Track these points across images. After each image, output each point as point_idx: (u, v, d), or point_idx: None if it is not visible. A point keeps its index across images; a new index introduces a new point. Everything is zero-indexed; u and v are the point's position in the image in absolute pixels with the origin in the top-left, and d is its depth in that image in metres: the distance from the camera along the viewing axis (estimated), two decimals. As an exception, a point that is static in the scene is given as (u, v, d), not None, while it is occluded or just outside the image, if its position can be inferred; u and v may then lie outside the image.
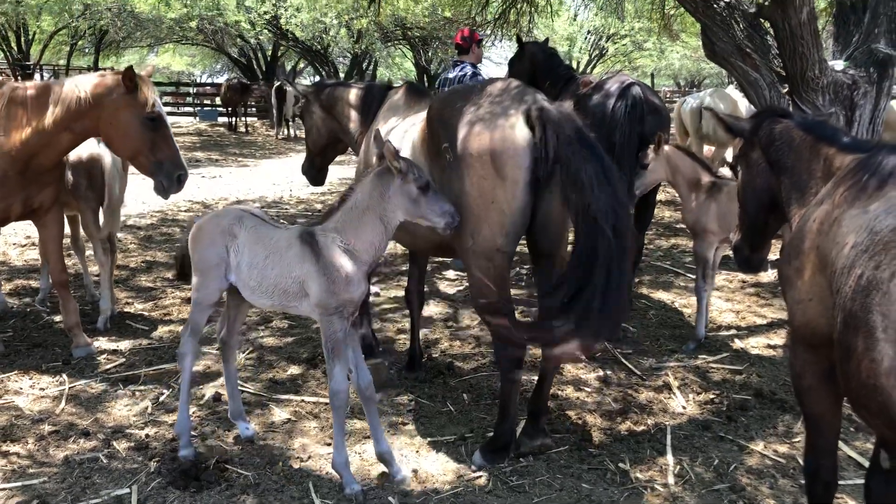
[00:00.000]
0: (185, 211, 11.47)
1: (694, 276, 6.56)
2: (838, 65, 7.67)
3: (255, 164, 18.74)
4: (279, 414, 4.51)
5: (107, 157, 5.85)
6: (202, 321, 3.81)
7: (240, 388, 4.79)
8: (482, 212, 3.60)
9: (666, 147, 5.61)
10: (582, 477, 3.82)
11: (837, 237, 2.44)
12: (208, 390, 4.80)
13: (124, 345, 5.62)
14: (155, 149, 4.82)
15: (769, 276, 7.67)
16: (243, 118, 27.58)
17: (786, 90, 7.67)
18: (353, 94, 5.42)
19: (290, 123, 24.34)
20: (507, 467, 3.87)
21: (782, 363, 5.33)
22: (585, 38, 30.39)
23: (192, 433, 4.06)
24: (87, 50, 30.44)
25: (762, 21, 8.38)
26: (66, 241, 6.08)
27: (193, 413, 4.43)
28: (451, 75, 7.26)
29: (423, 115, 4.18)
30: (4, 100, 4.87)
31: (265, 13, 20.45)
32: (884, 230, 2.23)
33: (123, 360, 5.31)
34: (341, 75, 27.09)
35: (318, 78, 28.48)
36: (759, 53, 7.68)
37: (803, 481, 3.75)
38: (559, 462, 3.96)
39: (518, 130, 3.54)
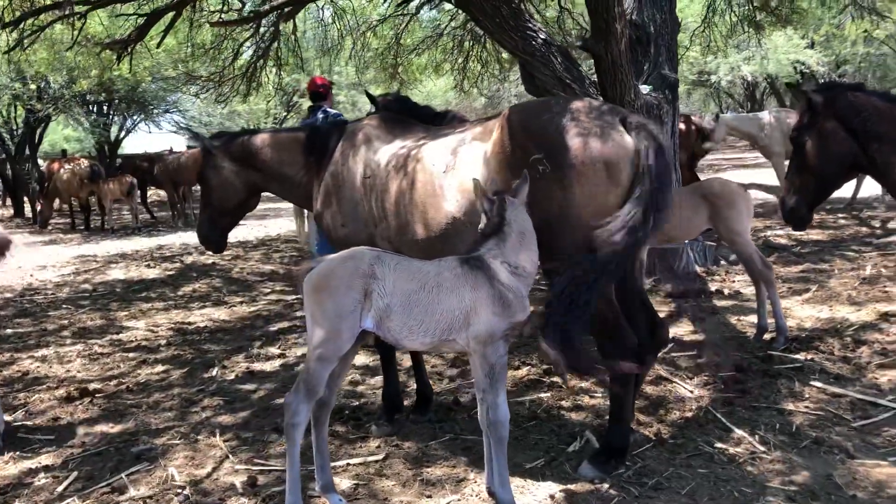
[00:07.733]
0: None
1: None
2: (644, 89, 8.80)
3: (-50, 255, 15.92)
4: (341, 483, 3.99)
5: None
6: (324, 380, 3.28)
7: (272, 468, 4.19)
8: (593, 220, 3.62)
9: None
10: (692, 464, 3.95)
11: None
12: (229, 476, 4.09)
13: (47, 461, 4.54)
14: None
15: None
16: None
17: (605, 114, 8.60)
18: (291, 138, 5.02)
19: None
20: (623, 473, 3.87)
21: (717, 343, 5.95)
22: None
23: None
24: None
25: (576, 55, 9.32)
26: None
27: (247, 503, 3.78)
28: (318, 117, 7.09)
29: (476, 130, 4.09)
30: None
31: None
32: None
33: (75, 473, 4.28)
34: (9, 145, 23.31)
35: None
36: (578, 83, 8.53)
37: (854, 425, 4.31)
38: (662, 456, 4.04)
39: (627, 139, 3.65)
